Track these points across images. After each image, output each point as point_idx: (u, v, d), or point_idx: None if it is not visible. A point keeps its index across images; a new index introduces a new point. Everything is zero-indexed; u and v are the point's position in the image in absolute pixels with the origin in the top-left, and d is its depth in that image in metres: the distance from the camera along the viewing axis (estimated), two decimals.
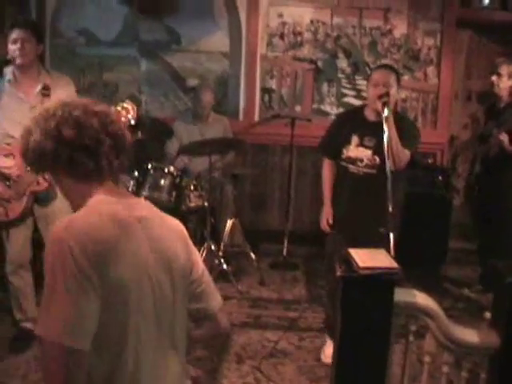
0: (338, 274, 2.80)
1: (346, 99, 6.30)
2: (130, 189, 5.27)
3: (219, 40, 6.26)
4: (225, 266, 5.34)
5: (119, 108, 3.57)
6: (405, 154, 3.85)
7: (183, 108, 6.42)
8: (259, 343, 4.41)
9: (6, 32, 3.97)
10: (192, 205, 5.42)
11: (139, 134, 5.15)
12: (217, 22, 6.25)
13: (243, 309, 5.01)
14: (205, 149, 5.21)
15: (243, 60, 6.31)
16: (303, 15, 6.24)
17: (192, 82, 6.34)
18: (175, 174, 5.36)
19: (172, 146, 5.85)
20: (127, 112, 3.58)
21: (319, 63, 6.30)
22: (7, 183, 4.01)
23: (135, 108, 3.59)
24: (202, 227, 5.61)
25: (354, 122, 4.06)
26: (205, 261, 5.23)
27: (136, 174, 5.30)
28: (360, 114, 4.06)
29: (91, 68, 6.44)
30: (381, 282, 2.76)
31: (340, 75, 6.30)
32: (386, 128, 3.60)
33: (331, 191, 4.22)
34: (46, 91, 4.00)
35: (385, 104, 3.69)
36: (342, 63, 6.29)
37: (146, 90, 6.46)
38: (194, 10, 6.23)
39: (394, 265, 2.82)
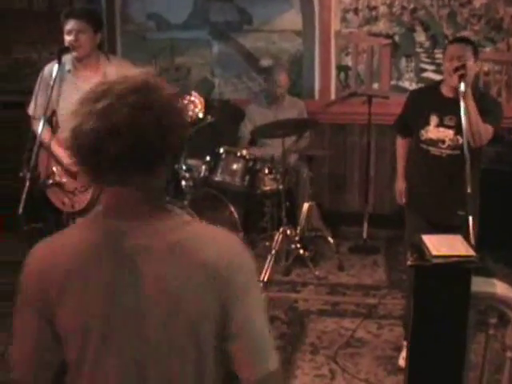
0: (409, 262, 2.61)
1: (425, 74, 5.98)
2: (201, 174, 5.19)
3: (291, 18, 6.06)
4: (301, 251, 5.18)
5: (186, 102, 3.47)
6: (487, 131, 3.58)
7: (257, 89, 6.26)
8: (336, 332, 4.25)
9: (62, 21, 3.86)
10: (266, 188, 5.30)
11: (209, 118, 5.03)
12: (290, 0, 6.04)
13: (320, 295, 4.85)
14: (278, 131, 5.06)
15: (317, 38, 6.07)
16: None
17: (265, 62, 6.18)
18: (248, 157, 5.24)
19: (245, 130, 5.71)
20: (194, 106, 3.48)
21: (396, 38, 6.00)
22: (72, 176, 3.98)
23: (202, 101, 3.48)
24: (278, 211, 5.46)
25: (431, 100, 3.80)
26: (280, 246, 5.12)
27: (208, 158, 5.20)
28: (436, 91, 3.79)
29: (163, 53, 6.36)
30: (456, 271, 2.56)
31: (418, 49, 5.98)
32: (462, 103, 3.34)
33: (405, 170, 4.03)
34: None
35: (461, 77, 3.43)
36: (420, 37, 5.96)
37: (219, 72, 6.33)
38: None
39: (471, 252, 2.60)
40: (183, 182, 5.12)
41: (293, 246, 5.19)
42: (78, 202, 4.00)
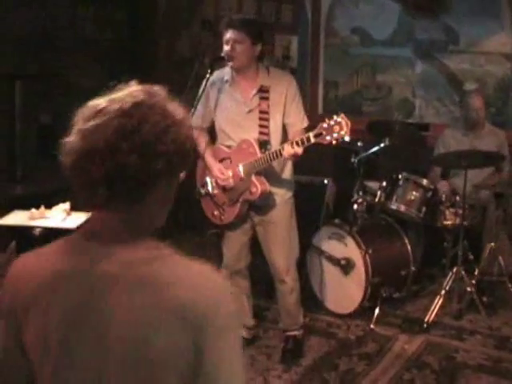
0: None
1: None
2: (376, 199, 4.95)
3: (501, 40, 5.54)
4: (475, 296, 4.73)
5: (332, 123, 3.30)
6: None
7: (459, 114, 5.84)
8: None
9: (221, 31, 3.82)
10: (447, 223, 4.91)
11: (387, 141, 4.79)
12: (499, 20, 5.52)
13: (486, 348, 4.38)
14: (460, 161, 4.66)
15: None
16: None
17: (470, 85, 5.72)
18: (428, 187, 4.90)
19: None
20: (340, 128, 3.29)
21: None
22: (223, 189, 3.96)
23: (349, 123, 3.29)
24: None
25: None
26: (452, 286, 4.73)
27: (384, 183, 4.94)
28: None
29: (364, 69, 6.17)
30: None
31: None
32: None
33: None
34: (263, 93, 3.82)
35: None
36: None
37: (421, 93, 5.98)
38: (474, 7, 5.60)
39: None
40: (355, 206, 4.91)
41: (469, 288, 4.76)
42: (226, 215, 3.98)
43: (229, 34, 3.72)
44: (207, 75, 3.79)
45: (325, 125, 3.32)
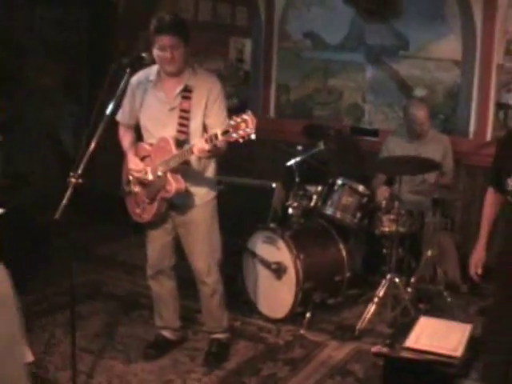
0: (373, 349, 2.17)
1: None
2: (312, 203, 4.90)
3: (451, 46, 5.48)
4: (409, 304, 4.64)
5: (238, 120, 3.25)
6: None
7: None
8: None
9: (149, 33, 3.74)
10: (384, 229, 4.85)
11: (321, 145, 4.75)
12: (449, 24, 5.47)
13: None
14: (396, 167, 4.61)
15: (476, 70, 5.46)
16: None
17: (419, 92, 5.69)
18: (364, 193, 4.84)
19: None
20: (246, 125, 3.24)
21: None
22: (143, 186, 3.92)
23: (254, 121, 3.24)
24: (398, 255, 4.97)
25: None
26: (385, 294, 4.67)
27: (319, 188, 4.89)
28: None
29: (316, 73, 6.12)
30: (430, 372, 2.07)
31: None
32: None
33: (489, 229, 3.39)
34: (186, 93, 3.78)
35: None
36: None
37: (371, 99, 5.93)
38: (422, 11, 5.55)
39: (458, 353, 2.09)
40: (290, 210, 4.86)
41: (407, 296, 4.69)
42: (146, 213, 3.95)
43: (165, 41, 3.63)
44: (126, 74, 3.72)
45: (232, 122, 3.27)
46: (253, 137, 3.25)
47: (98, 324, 4.67)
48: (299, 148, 4.99)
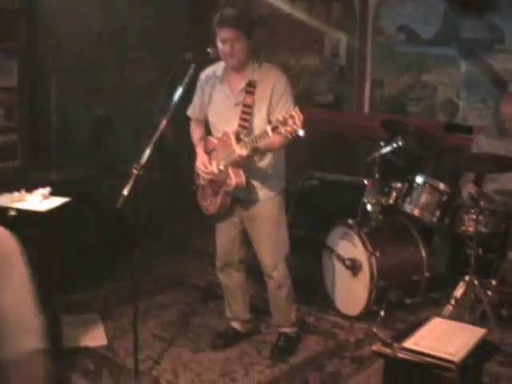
0: (373, 348, 2.15)
1: None
2: (391, 200, 4.81)
3: None
4: (487, 307, 4.47)
5: (287, 116, 3.28)
6: None
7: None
8: None
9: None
10: (466, 229, 4.68)
11: (400, 141, 4.66)
12: None
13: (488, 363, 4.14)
14: (472, 165, 4.46)
15: None
16: None
17: None
18: (444, 191, 4.71)
19: None
20: (293, 121, 3.26)
21: None
22: (209, 180, 4.01)
23: (301, 117, 3.26)
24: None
25: None
26: (463, 297, 4.51)
27: (399, 185, 4.80)
28: None
29: (409, 68, 5.99)
30: (426, 375, 2.03)
31: None
32: None
33: None
34: (250, 88, 3.82)
35: None
36: None
37: (464, 95, 5.73)
38: None
39: (457, 357, 2.04)
40: (368, 206, 4.81)
41: (484, 299, 4.51)
42: (212, 206, 4.04)
43: (225, 34, 3.72)
44: (190, 70, 3.81)
45: (280, 118, 3.30)
46: (301, 133, 3.26)
47: (175, 313, 4.83)
48: (381, 144, 4.90)
